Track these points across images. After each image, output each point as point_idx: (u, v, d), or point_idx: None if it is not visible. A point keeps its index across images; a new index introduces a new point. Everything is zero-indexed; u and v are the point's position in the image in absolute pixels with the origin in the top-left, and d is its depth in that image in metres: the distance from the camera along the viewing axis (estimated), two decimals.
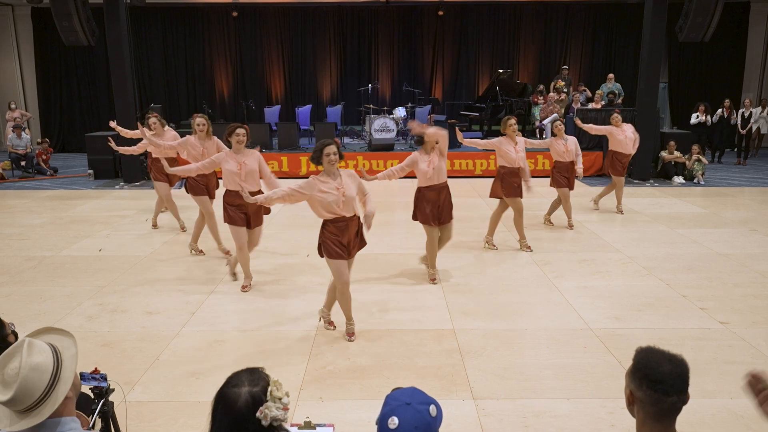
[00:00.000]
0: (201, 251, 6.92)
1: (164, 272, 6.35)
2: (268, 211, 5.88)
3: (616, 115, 8.74)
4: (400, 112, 13.59)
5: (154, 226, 8.15)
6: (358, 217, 4.57)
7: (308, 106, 14.77)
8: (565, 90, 13.64)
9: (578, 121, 8.94)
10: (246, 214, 5.59)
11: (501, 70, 14.66)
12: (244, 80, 16.72)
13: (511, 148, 6.73)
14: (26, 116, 14.94)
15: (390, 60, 16.72)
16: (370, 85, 14.19)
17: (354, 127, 15.38)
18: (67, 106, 16.73)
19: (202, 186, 6.52)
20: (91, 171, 12.27)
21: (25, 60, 16.66)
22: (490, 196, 7.00)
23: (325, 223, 4.46)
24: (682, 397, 1.66)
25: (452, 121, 13.53)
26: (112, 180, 12.09)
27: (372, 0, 16.13)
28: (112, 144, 7.94)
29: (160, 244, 7.39)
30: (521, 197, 6.83)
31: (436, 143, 5.66)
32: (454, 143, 12.91)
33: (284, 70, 16.72)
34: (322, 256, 4.57)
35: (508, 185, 6.77)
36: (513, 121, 6.80)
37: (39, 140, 14.02)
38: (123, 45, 11.37)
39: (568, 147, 7.71)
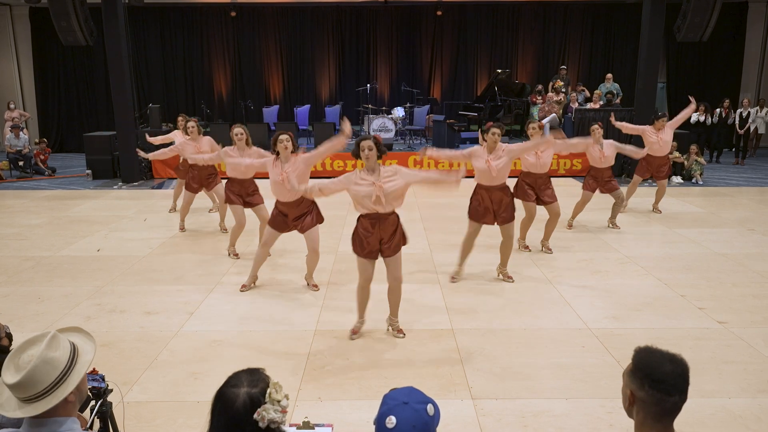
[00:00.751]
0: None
1: (163, 272, 6.34)
2: (321, 219, 5.68)
3: (664, 119, 8.43)
4: (399, 112, 13.59)
5: (224, 230, 7.93)
6: (397, 216, 4.58)
7: (307, 106, 14.76)
8: (563, 90, 13.64)
9: (612, 119, 8.72)
10: (289, 222, 5.56)
11: (499, 70, 14.66)
12: (242, 80, 16.70)
13: (532, 153, 6.61)
14: (25, 116, 14.91)
15: (388, 60, 16.71)
16: (368, 85, 14.19)
17: (353, 127, 15.34)
18: (65, 106, 16.70)
19: (237, 196, 6.56)
20: (89, 171, 12.25)
21: (23, 60, 16.63)
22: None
23: (360, 218, 4.53)
24: (683, 396, 1.66)
25: (451, 121, 13.52)
26: (111, 180, 12.07)
27: (370, 0, 16.13)
28: (142, 153, 7.96)
29: (159, 245, 7.38)
30: (533, 201, 6.76)
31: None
32: (453, 142, 12.99)
33: (283, 70, 16.70)
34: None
35: (520, 188, 6.73)
36: (536, 124, 6.71)
37: (37, 140, 14.00)
38: (121, 45, 11.36)
39: (604, 153, 7.52)
